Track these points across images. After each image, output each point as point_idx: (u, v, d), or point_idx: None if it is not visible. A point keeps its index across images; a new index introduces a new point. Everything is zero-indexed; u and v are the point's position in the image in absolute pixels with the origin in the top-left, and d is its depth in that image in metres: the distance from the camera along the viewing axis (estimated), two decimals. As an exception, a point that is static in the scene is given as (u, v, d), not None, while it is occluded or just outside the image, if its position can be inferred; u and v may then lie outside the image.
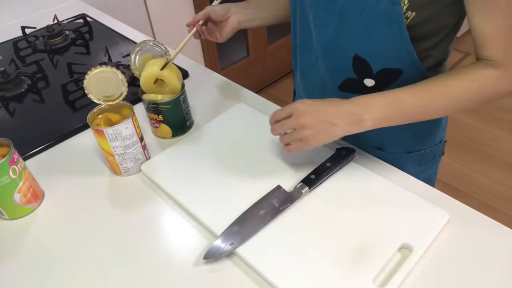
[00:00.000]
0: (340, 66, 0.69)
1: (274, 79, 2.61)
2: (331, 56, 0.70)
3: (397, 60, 0.64)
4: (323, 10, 0.66)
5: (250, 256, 0.56)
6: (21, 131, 0.84)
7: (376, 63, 0.65)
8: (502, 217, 1.66)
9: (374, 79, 0.67)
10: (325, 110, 0.60)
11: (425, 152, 0.78)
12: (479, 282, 0.52)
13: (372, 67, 0.66)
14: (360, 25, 0.62)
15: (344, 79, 0.71)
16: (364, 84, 0.69)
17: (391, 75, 0.66)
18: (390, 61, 0.64)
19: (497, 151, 1.93)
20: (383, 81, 0.67)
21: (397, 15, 0.58)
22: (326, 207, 0.62)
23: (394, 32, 0.60)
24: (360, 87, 0.70)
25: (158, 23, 1.75)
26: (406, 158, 0.77)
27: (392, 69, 0.65)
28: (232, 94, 0.90)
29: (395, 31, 0.60)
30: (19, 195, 0.64)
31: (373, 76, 0.67)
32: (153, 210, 0.66)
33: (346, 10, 0.62)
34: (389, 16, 0.58)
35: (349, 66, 0.68)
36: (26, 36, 1.18)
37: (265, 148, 0.73)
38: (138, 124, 0.70)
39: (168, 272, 0.56)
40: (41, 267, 0.59)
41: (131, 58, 0.77)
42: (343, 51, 0.67)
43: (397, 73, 0.65)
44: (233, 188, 0.67)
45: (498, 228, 0.58)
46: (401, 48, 0.62)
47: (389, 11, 0.58)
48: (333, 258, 0.55)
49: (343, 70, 0.69)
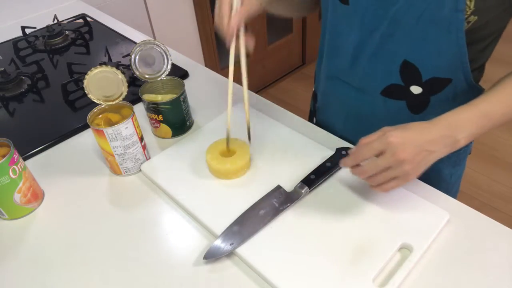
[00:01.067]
0: (386, 71, 0.67)
1: (274, 79, 2.61)
2: (376, 61, 0.68)
3: (449, 69, 0.62)
4: (374, 14, 0.63)
5: (250, 256, 0.56)
6: (21, 131, 0.84)
7: (427, 70, 0.63)
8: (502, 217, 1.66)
9: (422, 86, 0.65)
10: (420, 138, 0.54)
11: (460, 152, 0.77)
12: (479, 282, 0.52)
13: (421, 74, 0.64)
14: (415, 31, 0.60)
15: (387, 85, 0.69)
16: (410, 91, 0.67)
17: (440, 84, 0.64)
18: (442, 70, 0.63)
19: (498, 151, 1.93)
20: (431, 90, 0.65)
21: (458, 23, 0.56)
22: (326, 207, 0.62)
23: (451, 40, 0.58)
24: (405, 94, 0.68)
25: (158, 23, 1.75)
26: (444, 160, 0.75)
27: (442, 79, 0.63)
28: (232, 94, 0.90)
29: (452, 39, 0.58)
30: (19, 195, 0.64)
31: (421, 84, 0.65)
32: (153, 210, 0.66)
33: (401, 14, 0.60)
34: (450, 23, 0.56)
35: (395, 72, 0.66)
36: (26, 36, 1.18)
37: (264, 148, 0.73)
38: (138, 124, 0.70)
39: (168, 272, 0.56)
40: (41, 267, 0.59)
41: (131, 58, 0.77)
42: (392, 56, 0.65)
43: (446, 83, 0.64)
44: (233, 188, 0.66)
45: (498, 228, 0.58)
46: (456, 57, 0.60)
47: (451, 18, 0.56)
48: (333, 258, 0.55)
49: (388, 75, 0.67)
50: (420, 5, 0.58)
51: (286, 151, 0.72)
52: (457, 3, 0.55)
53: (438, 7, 0.56)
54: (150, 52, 0.77)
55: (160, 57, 0.78)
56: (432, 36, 0.59)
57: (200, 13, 1.92)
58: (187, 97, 0.78)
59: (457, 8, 0.55)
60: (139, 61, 0.77)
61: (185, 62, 1.02)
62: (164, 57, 0.78)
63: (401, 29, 0.61)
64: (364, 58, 0.69)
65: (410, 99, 0.68)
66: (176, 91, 0.77)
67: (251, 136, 0.71)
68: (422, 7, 0.57)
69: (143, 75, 0.78)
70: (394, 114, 0.72)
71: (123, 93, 0.69)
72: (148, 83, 0.77)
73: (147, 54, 0.77)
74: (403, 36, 0.62)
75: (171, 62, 0.79)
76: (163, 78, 0.78)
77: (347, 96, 0.77)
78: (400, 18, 0.60)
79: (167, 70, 0.78)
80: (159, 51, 0.78)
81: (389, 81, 0.68)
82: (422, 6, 0.57)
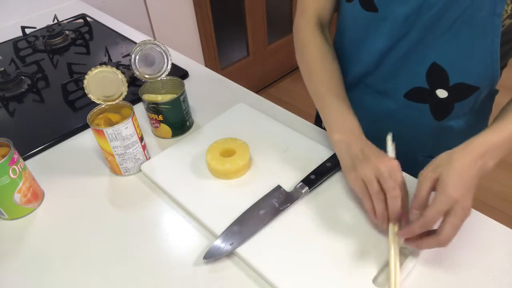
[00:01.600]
0: (412, 73, 0.66)
1: (274, 79, 2.61)
2: (403, 64, 0.67)
3: (478, 76, 0.61)
4: (404, 20, 0.62)
5: (250, 256, 0.56)
6: (21, 131, 0.84)
7: (456, 74, 0.62)
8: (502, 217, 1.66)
9: (448, 91, 0.65)
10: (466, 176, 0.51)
11: None
12: (479, 282, 0.52)
13: (449, 78, 0.63)
14: (449, 33, 0.59)
15: (412, 87, 0.68)
16: (435, 94, 0.66)
17: (467, 91, 0.63)
18: (471, 76, 0.62)
19: (497, 151, 1.93)
20: (457, 95, 0.65)
21: (495, 28, 0.55)
22: (326, 207, 0.62)
23: (486, 45, 0.57)
24: (430, 97, 0.67)
25: (158, 23, 1.76)
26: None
27: (470, 86, 0.62)
28: (232, 94, 0.90)
29: (487, 44, 0.57)
30: (19, 195, 0.64)
31: (447, 88, 0.64)
32: (153, 210, 0.66)
33: (435, 19, 0.59)
34: (486, 27, 0.55)
35: (422, 74, 0.65)
36: (26, 36, 1.18)
37: (265, 148, 0.73)
38: (138, 124, 0.70)
39: (168, 272, 0.56)
40: (41, 267, 0.59)
41: (131, 58, 0.77)
42: (421, 58, 0.64)
43: (473, 90, 0.62)
44: (233, 188, 0.66)
45: (498, 228, 0.58)
46: (487, 63, 0.59)
47: (488, 22, 0.55)
48: (333, 258, 0.55)
49: (414, 77, 0.66)
50: (457, 8, 0.56)
51: (286, 151, 0.72)
52: (495, 7, 0.53)
53: (476, 10, 0.55)
54: (150, 52, 0.77)
55: (160, 57, 0.78)
56: (465, 39, 0.58)
57: (200, 13, 1.92)
58: (187, 97, 0.78)
59: (494, 12, 0.54)
60: (139, 61, 0.77)
61: (185, 62, 1.02)
62: (164, 57, 0.78)
63: (434, 32, 0.60)
64: (390, 62, 0.68)
65: (434, 103, 0.67)
66: (176, 91, 0.77)
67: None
68: (460, 10, 0.56)
69: (143, 75, 0.78)
70: (415, 117, 0.71)
71: (123, 93, 0.69)
72: (148, 83, 0.77)
73: (147, 54, 0.77)
74: (435, 39, 0.61)
75: (171, 62, 0.79)
76: (163, 78, 0.78)
77: (365, 99, 0.76)
78: (434, 23, 0.59)
79: (167, 70, 0.78)
80: (159, 51, 0.78)
81: (414, 83, 0.67)
82: (460, 9, 0.56)
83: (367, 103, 0.76)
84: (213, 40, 2.06)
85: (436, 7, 0.58)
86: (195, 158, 0.72)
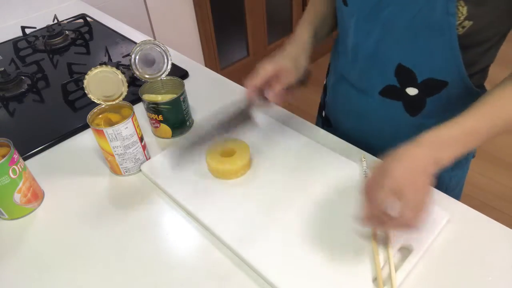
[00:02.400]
0: (382, 73, 0.68)
1: (274, 79, 2.60)
2: (373, 63, 0.68)
3: (444, 71, 0.62)
4: (366, 18, 0.64)
5: (251, 257, 0.56)
6: (21, 131, 0.84)
7: (422, 72, 0.64)
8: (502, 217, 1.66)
9: (418, 88, 0.66)
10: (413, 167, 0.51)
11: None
12: (479, 282, 0.52)
13: (417, 76, 0.64)
14: (408, 34, 0.60)
15: (384, 86, 0.69)
16: (406, 93, 0.67)
17: (436, 86, 0.64)
18: (437, 72, 0.63)
19: (497, 151, 1.93)
20: (427, 91, 0.66)
21: (450, 26, 0.56)
22: (326, 208, 0.62)
23: (444, 44, 0.58)
24: (401, 95, 0.68)
25: (158, 23, 1.76)
26: None
27: (438, 80, 0.63)
28: (232, 94, 0.90)
29: (445, 43, 0.58)
30: (19, 195, 0.64)
31: (417, 85, 0.65)
32: (153, 210, 0.66)
33: (392, 18, 0.60)
34: (442, 26, 0.56)
35: (391, 74, 0.67)
36: (26, 36, 1.18)
37: (264, 148, 0.73)
38: (138, 124, 0.70)
39: (168, 272, 0.56)
40: (41, 267, 0.59)
41: (131, 58, 0.77)
42: (386, 58, 0.66)
43: (443, 85, 0.64)
44: (233, 188, 0.66)
45: (498, 228, 0.58)
46: (450, 60, 0.60)
47: (443, 21, 0.56)
48: (333, 258, 0.55)
49: (385, 77, 0.68)
50: (411, 9, 0.58)
51: (286, 151, 0.72)
52: (447, 7, 0.54)
53: (430, 10, 0.56)
54: (150, 52, 0.77)
55: (160, 57, 0.78)
56: (424, 40, 0.59)
57: (200, 13, 1.92)
58: (187, 97, 0.78)
59: (448, 12, 0.55)
60: (139, 61, 0.77)
61: (185, 62, 1.02)
62: (164, 57, 0.78)
63: (393, 33, 0.62)
64: (361, 60, 0.70)
65: (406, 100, 0.69)
66: (176, 91, 0.77)
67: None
68: (414, 11, 0.57)
69: (143, 75, 0.78)
70: (392, 114, 0.72)
71: (123, 93, 0.69)
72: (148, 83, 0.77)
73: (147, 54, 0.77)
74: (396, 40, 0.62)
75: (171, 62, 0.79)
76: (163, 78, 0.78)
77: (350, 94, 0.77)
78: (392, 22, 0.61)
79: (167, 70, 0.79)
80: (159, 51, 0.78)
81: (385, 82, 0.69)
82: (414, 10, 0.57)
83: (352, 98, 0.78)
84: (213, 40, 2.06)
85: (392, 5, 0.59)
86: (195, 158, 0.72)
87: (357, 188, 0.64)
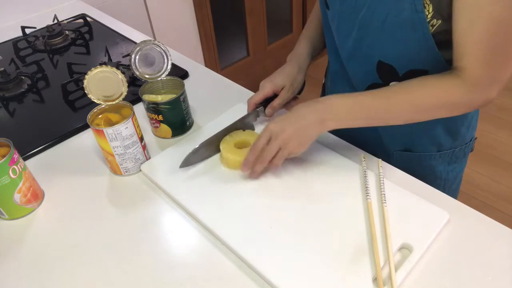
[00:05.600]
0: (365, 72, 0.70)
1: (274, 79, 2.60)
2: (355, 63, 0.71)
3: (423, 61, 0.64)
4: (346, 20, 0.67)
5: (250, 256, 0.56)
6: (21, 131, 0.84)
7: (402, 66, 0.66)
8: (502, 217, 1.66)
9: (401, 81, 0.66)
10: (297, 115, 0.62)
11: (455, 151, 0.77)
12: (479, 282, 0.52)
13: (398, 71, 0.66)
14: (383, 33, 0.62)
15: (370, 84, 0.71)
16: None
17: (417, 75, 0.65)
18: (416, 63, 0.64)
19: (497, 151, 1.93)
20: None
21: (421, 21, 0.58)
22: (326, 208, 0.62)
23: (419, 37, 0.60)
24: None
25: (158, 23, 1.76)
26: (437, 158, 0.77)
27: (418, 70, 0.65)
28: (232, 94, 0.90)
29: (419, 37, 0.60)
30: (19, 195, 0.64)
31: (399, 79, 0.67)
32: (153, 210, 0.66)
33: (367, 19, 0.63)
34: (413, 22, 0.58)
35: (373, 72, 0.69)
36: (26, 36, 1.18)
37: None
38: (138, 124, 0.70)
39: (168, 272, 0.56)
40: (41, 267, 0.59)
41: (131, 58, 0.77)
42: (367, 58, 0.68)
43: (423, 73, 0.65)
44: (233, 187, 0.66)
45: (498, 228, 0.58)
46: (427, 51, 0.61)
47: (414, 18, 0.58)
48: (333, 258, 0.55)
49: (368, 75, 0.70)
50: (382, 11, 0.60)
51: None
52: (415, 6, 0.57)
53: (399, 11, 0.58)
54: (150, 52, 0.77)
55: (160, 57, 0.78)
56: (399, 37, 0.61)
57: (200, 13, 1.92)
58: (187, 97, 0.78)
59: (416, 10, 0.57)
60: (139, 61, 0.77)
61: (185, 62, 1.02)
62: (164, 57, 0.78)
63: (370, 32, 0.64)
64: (345, 60, 0.73)
65: None
66: (176, 91, 0.77)
67: None
68: (384, 12, 0.60)
69: (143, 75, 0.78)
70: None
71: (123, 93, 0.69)
72: (148, 83, 0.77)
73: (147, 54, 0.77)
74: (373, 39, 0.65)
75: (171, 62, 0.79)
76: (163, 78, 0.78)
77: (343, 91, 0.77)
78: (368, 22, 0.63)
79: (167, 70, 0.78)
80: (159, 51, 0.78)
81: (370, 80, 0.70)
82: (384, 11, 0.60)
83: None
84: (213, 40, 2.06)
85: (365, 6, 0.62)
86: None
87: (357, 188, 0.64)
